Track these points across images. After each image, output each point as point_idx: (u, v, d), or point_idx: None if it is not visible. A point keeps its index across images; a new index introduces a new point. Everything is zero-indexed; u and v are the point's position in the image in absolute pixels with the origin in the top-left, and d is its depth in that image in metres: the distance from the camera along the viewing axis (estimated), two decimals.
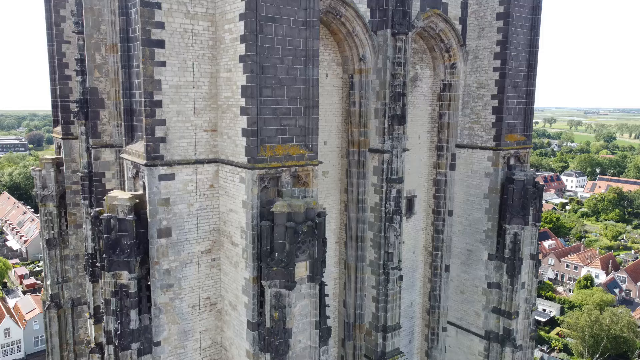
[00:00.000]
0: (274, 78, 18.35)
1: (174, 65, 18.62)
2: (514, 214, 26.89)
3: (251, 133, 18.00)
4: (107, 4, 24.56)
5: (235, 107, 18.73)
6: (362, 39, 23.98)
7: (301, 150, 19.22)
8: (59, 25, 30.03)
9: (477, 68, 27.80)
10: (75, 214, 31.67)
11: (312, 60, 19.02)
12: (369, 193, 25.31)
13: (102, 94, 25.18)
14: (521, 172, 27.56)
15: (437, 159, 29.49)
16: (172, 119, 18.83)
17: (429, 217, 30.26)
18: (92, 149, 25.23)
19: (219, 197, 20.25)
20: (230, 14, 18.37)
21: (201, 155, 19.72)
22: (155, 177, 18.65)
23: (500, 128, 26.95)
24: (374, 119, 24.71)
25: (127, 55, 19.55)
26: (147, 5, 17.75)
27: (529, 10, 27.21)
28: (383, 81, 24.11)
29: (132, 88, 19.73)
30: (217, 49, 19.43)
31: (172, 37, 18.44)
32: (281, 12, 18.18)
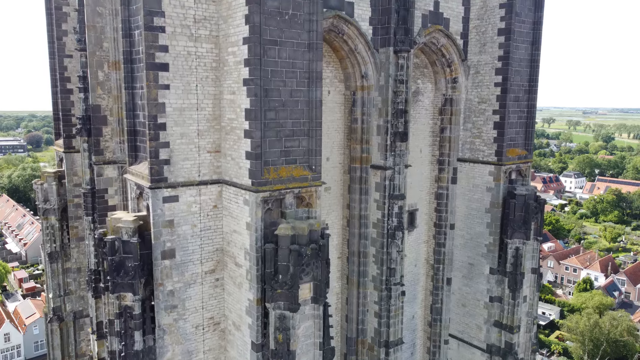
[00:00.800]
0: (277, 100, 18.41)
1: (178, 88, 18.68)
2: (515, 228, 26.98)
3: (255, 156, 18.06)
4: (109, 22, 24.59)
5: (239, 129, 18.79)
6: (365, 56, 24.05)
7: (304, 171, 19.28)
8: (60, 39, 30.06)
9: (478, 83, 27.87)
10: (77, 227, 31.72)
11: (316, 82, 19.08)
12: (371, 209, 25.38)
13: (104, 111, 25.20)
14: (522, 186, 27.65)
15: (438, 172, 29.58)
16: (176, 141, 18.89)
17: (430, 230, 30.34)
18: (94, 166, 25.25)
19: (222, 218, 20.30)
20: (234, 37, 18.43)
21: (205, 176, 19.78)
22: (159, 199, 18.71)
23: (502, 143, 27.03)
24: (376, 136, 24.78)
25: (131, 76, 19.63)
26: (151, 29, 17.80)
27: (530, 26, 27.29)
28: (385, 98, 24.17)
29: (135, 109, 19.78)
30: (220, 70, 19.48)
31: (176, 60, 18.49)
32: (284, 35, 18.24)
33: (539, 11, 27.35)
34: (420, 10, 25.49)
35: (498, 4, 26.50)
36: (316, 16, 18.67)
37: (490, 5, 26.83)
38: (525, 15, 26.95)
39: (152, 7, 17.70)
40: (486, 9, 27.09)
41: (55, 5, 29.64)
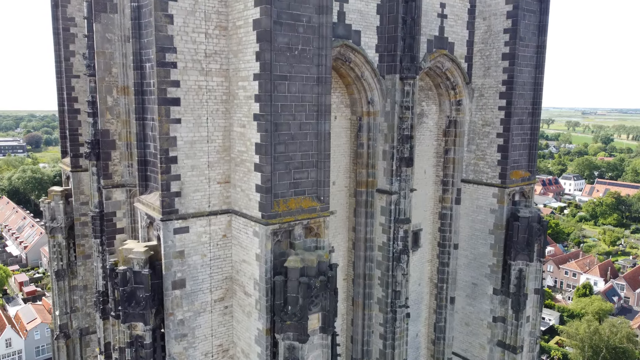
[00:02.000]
0: (287, 134, 18.69)
1: (189, 122, 18.96)
2: (519, 250, 27.30)
3: (265, 190, 18.35)
4: (118, 48, 24.86)
5: (249, 162, 19.07)
6: (371, 83, 24.33)
7: (313, 202, 19.57)
8: (68, 59, 30.30)
9: (482, 106, 28.17)
10: (83, 245, 31.98)
11: (324, 115, 19.37)
12: (376, 232, 25.68)
13: (113, 135, 25.46)
14: (526, 208, 27.96)
15: (442, 193, 29.88)
16: (187, 173, 19.17)
17: (434, 250, 30.65)
18: (103, 189, 25.52)
19: (231, 247, 20.59)
20: (245, 72, 18.70)
21: (215, 206, 20.06)
22: (171, 231, 18.99)
23: (506, 166, 27.34)
24: (381, 161, 25.07)
25: (142, 107, 19.90)
26: (163, 65, 18.08)
27: (534, 49, 27.59)
28: (391, 124, 24.46)
29: (146, 139, 20.05)
30: (230, 103, 19.76)
31: (187, 94, 18.78)
32: (294, 69, 18.52)
33: (543, 35, 27.65)
34: (425, 35, 25.78)
35: (502, 28, 26.78)
36: (325, 51, 18.96)
37: (495, 30, 27.12)
38: (529, 39, 27.25)
39: (164, 43, 17.98)
40: (490, 33, 27.38)
41: (63, 27, 29.87)
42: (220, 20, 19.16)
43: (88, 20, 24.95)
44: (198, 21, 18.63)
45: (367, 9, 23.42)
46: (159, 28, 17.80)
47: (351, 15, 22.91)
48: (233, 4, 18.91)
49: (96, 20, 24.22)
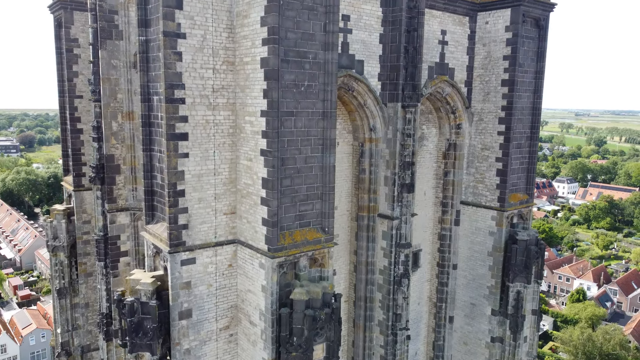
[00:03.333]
0: (293, 168, 19.04)
1: (197, 155, 19.26)
2: (517, 272, 27.79)
3: (272, 224, 18.69)
4: (123, 74, 25.16)
5: (255, 195, 19.40)
6: (373, 110, 24.71)
7: (318, 233, 19.93)
8: (71, 80, 30.51)
9: (482, 130, 28.62)
10: (85, 264, 32.20)
11: (330, 149, 19.73)
12: (378, 256, 26.07)
13: (117, 160, 25.75)
14: (524, 231, 28.44)
15: (442, 214, 30.32)
16: (194, 206, 19.47)
17: (433, 270, 31.10)
18: (107, 213, 25.78)
19: (237, 276, 20.92)
20: (252, 108, 19.03)
21: (221, 237, 20.38)
22: (178, 262, 19.29)
23: (505, 190, 27.81)
24: (383, 186, 25.46)
25: (149, 139, 20.16)
26: (172, 101, 18.38)
27: (533, 75, 28.07)
28: (393, 151, 24.85)
29: (153, 170, 20.32)
30: (237, 136, 20.08)
31: (195, 129, 19.08)
32: (300, 105, 18.87)
33: (541, 61, 28.15)
34: (426, 62, 26.19)
35: (502, 55, 27.24)
36: (331, 86, 19.32)
37: (494, 57, 27.57)
38: (528, 65, 27.73)
39: (173, 80, 18.27)
40: (490, 59, 27.83)
41: (67, 48, 30.06)
42: (228, 55, 19.48)
43: (93, 46, 25.18)
44: (206, 57, 18.94)
45: (370, 39, 23.79)
46: (167, 65, 18.09)
47: (354, 46, 23.27)
48: (240, 40, 19.23)
49: (102, 47, 24.51)
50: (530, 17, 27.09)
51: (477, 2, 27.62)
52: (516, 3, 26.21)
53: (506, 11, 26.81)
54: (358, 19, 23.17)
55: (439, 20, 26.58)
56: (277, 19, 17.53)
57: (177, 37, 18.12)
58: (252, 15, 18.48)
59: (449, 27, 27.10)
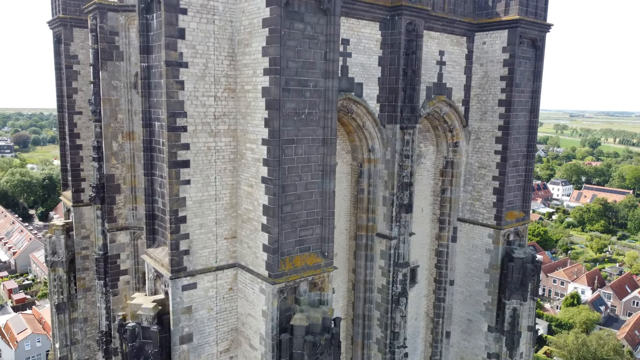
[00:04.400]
0: (293, 194, 19.25)
1: (198, 182, 19.44)
2: (513, 290, 28.11)
3: (272, 250, 18.90)
4: (124, 94, 25.28)
5: (256, 221, 19.59)
6: (372, 132, 24.95)
7: (318, 258, 20.15)
8: (70, 97, 30.54)
9: (479, 149, 28.92)
10: (84, 279, 32.27)
11: (330, 175, 19.95)
12: (376, 275, 26.32)
13: (118, 180, 25.86)
14: (520, 248, 28.76)
15: (439, 231, 30.61)
16: (195, 231, 19.65)
17: (430, 285, 31.38)
18: (108, 233, 25.90)
19: (237, 299, 21.11)
20: (253, 135, 19.22)
21: (221, 261, 20.57)
22: (179, 288, 19.47)
23: (501, 208, 28.12)
24: (381, 206, 25.71)
25: (150, 163, 20.32)
26: (174, 129, 18.55)
27: (529, 94, 28.39)
28: (391, 171, 25.10)
29: (154, 194, 20.47)
30: (238, 162, 20.27)
31: (197, 156, 19.26)
32: (301, 132, 19.08)
33: (538, 81, 28.46)
34: (424, 83, 26.45)
35: (499, 75, 27.54)
36: (331, 114, 19.54)
37: (492, 77, 27.86)
38: (525, 85, 28.03)
39: (175, 109, 18.44)
40: (487, 79, 28.12)
41: (66, 65, 30.10)
42: (229, 83, 19.66)
43: (94, 67, 25.28)
44: (208, 85, 19.12)
45: (369, 62, 24.03)
46: (170, 94, 18.26)
47: (354, 69, 23.51)
48: (242, 68, 19.42)
49: (102, 68, 24.62)
50: (527, 37, 27.40)
51: (474, 22, 27.90)
52: (513, 25, 26.51)
53: (503, 32, 27.10)
54: (357, 42, 23.41)
55: (437, 41, 26.84)
56: (279, 49, 17.74)
57: (179, 66, 18.29)
58: (253, 44, 18.68)
59: (446, 48, 27.38)
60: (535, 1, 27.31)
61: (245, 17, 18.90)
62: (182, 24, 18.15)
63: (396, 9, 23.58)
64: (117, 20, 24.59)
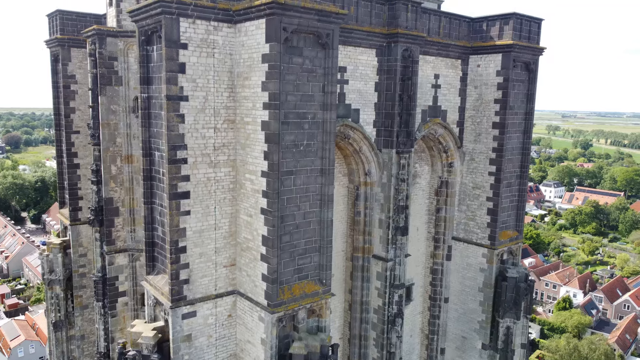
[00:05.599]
0: (292, 224, 19.56)
1: (198, 212, 19.70)
2: (507, 309, 28.58)
3: (272, 280, 19.20)
4: (122, 118, 25.49)
5: (255, 250, 19.89)
6: (368, 156, 25.30)
7: (316, 286, 20.47)
8: (68, 116, 30.69)
9: (473, 169, 29.35)
10: (81, 296, 32.43)
11: (327, 204, 20.26)
12: (372, 296, 26.68)
13: (116, 203, 26.06)
14: (514, 267, 29.24)
15: (434, 249, 31.02)
16: (195, 261, 19.92)
17: (425, 302, 31.79)
18: (106, 255, 26.09)
19: (236, 326, 21.39)
20: (252, 166, 19.51)
21: (221, 289, 20.85)
22: (179, 316, 19.73)
23: (495, 228, 28.57)
24: (377, 228, 26.07)
25: (150, 192, 20.55)
26: (175, 162, 18.80)
27: (522, 116, 28.85)
28: (387, 195, 25.46)
29: (154, 222, 20.71)
30: (237, 191, 20.55)
31: (197, 187, 19.52)
32: (299, 164, 19.38)
33: (531, 103, 28.94)
34: (420, 106, 26.83)
35: (493, 98, 27.97)
36: (329, 145, 19.86)
37: (486, 99, 28.30)
38: (518, 107, 28.49)
39: (175, 142, 18.69)
40: (482, 101, 28.55)
41: (64, 84, 30.25)
42: (229, 114, 19.94)
43: (93, 91, 25.47)
44: (208, 117, 19.38)
45: (366, 88, 24.37)
46: (170, 128, 18.51)
47: (351, 95, 23.84)
48: (241, 100, 19.70)
49: (101, 93, 24.83)
50: (520, 61, 27.85)
51: (469, 45, 28.31)
52: (507, 49, 26.95)
53: (497, 56, 27.54)
54: (354, 69, 23.75)
55: (432, 65, 27.24)
56: (278, 85, 18.04)
57: (179, 99, 18.55)
58: (253, 78, 18.97)
59: (442, 71, 27.78)
60: (528, 26, 27.77)
61: (245, 51, 19.19)
62: (182, 59, 18.41)
63: (392, 36, 23.93)
64: (116, 46, 24.79)
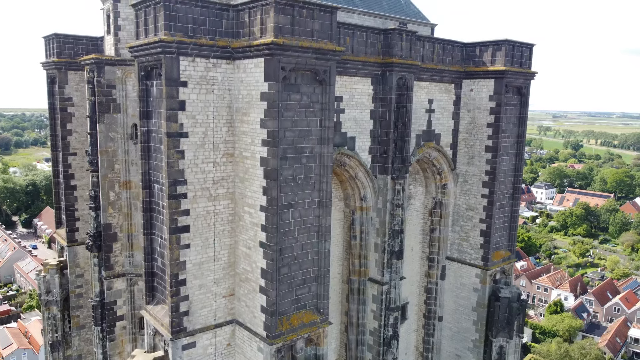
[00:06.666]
0: (290, 256, 19.93)
1: (198, 245, 20.02)
2: (500, 328, 29.12)
3: (270, 313, 19.56)
4: (121, 145, 25.72)
5: (254, 282, 20.23)
6: (364, 181, 25.71)
7: (314, 315, 20.86)
8: (65, 138, 30.81)
9: (466, 191, 29.86)
10: (78, 316, 32.56)
11: (325, 235, 20.65)
12: (368, 318, 27.10)
13: (115, 228, 26.29)
14: (506, 287, 29.79)
15: (428, 268, 31.49)
16: (195, 292, 20.23)
17: (420, 321, 32.27)
18: (105, 280, 26.31)
19: (235, 354, 21.72)
20: (251, 200, 19.84)
21: (220, 319, 21.17)
22: (179, 348, 20.03)
23: (488, 250, 29.09)
24: (373, 252, 26.48)
25: (150, 223, 20.84)
26: (175, 197, 19.10)
27: (515, 139, 29.40)
28: (383, 220, 25.89)
29: (153, 253, 21.01)
30: (236, 223, 20.88)
31: (197, 220, 19.83)
32: (297, 197, 19.76)
33: (522, 126, 29.49)
34: (414, 131, 27.26)
35: (486, 122, 28.48)
36: (326, 178, 20.25)
37: (479, 123, 28.80)
38: (510, 130, 29.03)
39: (175, 177, 18.99)
40: (474, 124, 29.06)
41: (61, 107, 30.35)
42: (228, 148, 20.26)
43: (91, 119, 25.67)
44: (207, 152, 19.70)
45: (362, 116, 24.77)
46: (171, 164, 18.81)
47: (347, 124, 24.22)
48: (240, 135, 20.04)
49: (100, 120, 25.05)
50: (512, 86, 28.38)
51: (462, 70, 28.79)
52: (499, 75, 27.46)
53: (490, 81, 28.04)
54: (350, 98, 24.13)
55: (426, 90, 27.69)
56: (277, 122, 18.39)
57: (180, 136, 18.86)
58: (251, 114, 19.30)
59: (435, 96, 28.24)
60: (520, 51, 28.31)
61: (244, 87, 19.52)
62: (182, 96, 18.72)
63: (387, 65, 24.34)
64: (114, 74, 25.02)
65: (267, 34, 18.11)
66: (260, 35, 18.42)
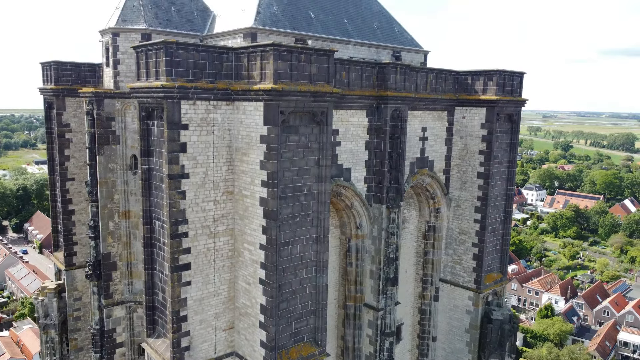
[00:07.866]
0: (289, 292, 20.43)
1: (198, 282, 20.47)
2: (492, 350, 29.82)
3: (270, 348, 20.06)
4: (120, 176, 26.07)
5: (253, 317, 20.71)
6: (359, 210, 26.26)
7: (312, 348, 21.38)
8: (63, 164, 31.07)
9: (459, 215, 30.52)
10: (76, 339, 32.83)
11: (322, 270, 21.19)
12: (364, 343, 27.67)
13: (114, 257, 26.64)
14: (498, 310, 30.48)
15: (422, 290, 32.11)
16: (196, 327, 20.68)
17: (414, 341, 32.89)
18: (104, 308, 26.65)
19: None
20: (250, 238, 20.33)
21: (220, 352, 21.65)
22: None
23: (481, 273, 29.77)
24: (369, 279, 27.05)
25: (150, 258, 21.25)
26: (176, 236, 19.54)
27: (506, 165, 30.10)
28: (378, 248, 26.46)
29: (154, 287, 21.43)
30: (235, 258, 21.35)
31: (197, 258, 20.28)
32: (296, 234, 20.27)
33: (513, 151, 30.20)
34: (408, 159, 27.85)
35: (478, 149, 29.15)
36: (324, 214, 20.77)
37: (471, 150, 29.46)
38: (502, 156, 29.72)
39: (177, 217, 19.43)
40: (467, 151, 29.71)
41: (59, 133, 30.61)
42: (227, 186, 20.73)
43: (90, 150, 25.98)
44: (207, 191, 20.15)
45: (357, 147, 25.31)
46: (172, 205, 19.24)
47: (343, 156, 24.74)
48: (240, 174, 20.50)
49: (99, 152, 25.39)
50: (503, 113, 29.07)
51: (454, 98, 29.43)
52: (491, 104, 28.13)
53: (482, 109, 28.71)
54: (346, 131, 24.65)
55: (420, 119, 28.28)
56: (276, 165, 18.88)
57: (181, 177, 19.30)
58: (251, 155, 19.78)
59: (429, 124, 28.84)
60: (511, 80, 29.00)
61: (243, 128, 19.99)
62: (183, 139, 19.16)
63: (382, 98, 24.90)
64: (113, 106, 25.37)
65: (267, 79, 18.59)
66: (260, 80, 18.89)
